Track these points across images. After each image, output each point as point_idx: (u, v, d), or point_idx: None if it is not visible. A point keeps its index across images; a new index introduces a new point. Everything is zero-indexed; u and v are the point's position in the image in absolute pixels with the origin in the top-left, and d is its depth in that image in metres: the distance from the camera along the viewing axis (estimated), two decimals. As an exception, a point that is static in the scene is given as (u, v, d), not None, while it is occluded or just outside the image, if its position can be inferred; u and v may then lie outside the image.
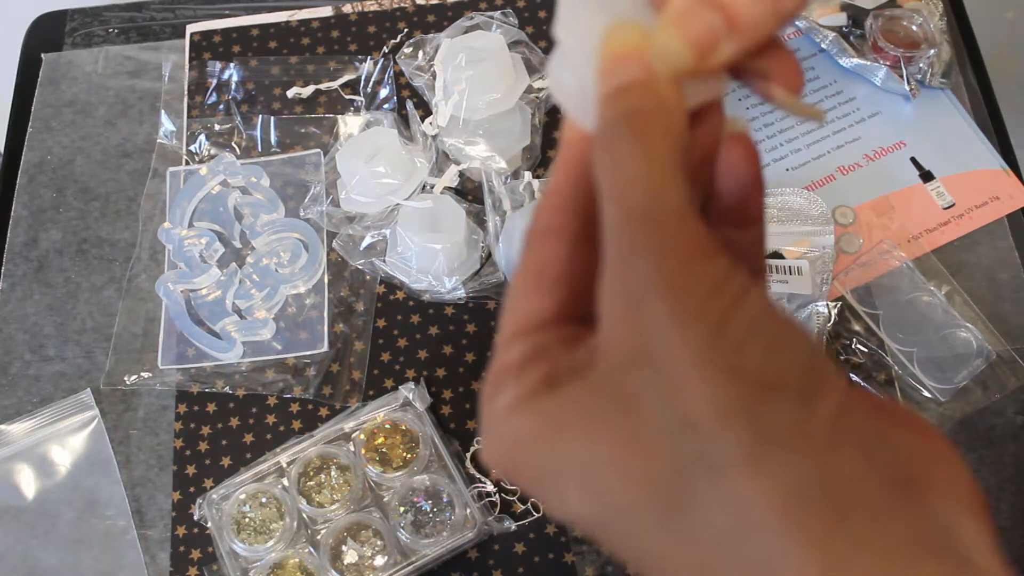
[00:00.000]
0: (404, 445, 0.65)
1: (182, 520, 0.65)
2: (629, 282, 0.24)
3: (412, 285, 0.71)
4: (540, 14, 0.83)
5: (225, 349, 0.70)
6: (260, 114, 0.79)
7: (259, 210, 0.74)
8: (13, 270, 0.75)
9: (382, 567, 0.61)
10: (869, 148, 0.76)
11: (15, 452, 0.68)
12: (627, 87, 0.26)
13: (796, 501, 0.22)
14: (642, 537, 0.24)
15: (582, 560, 0.63)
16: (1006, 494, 0.64)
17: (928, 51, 0.76)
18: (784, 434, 0.23)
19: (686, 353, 0.23)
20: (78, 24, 0.86)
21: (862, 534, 0.22)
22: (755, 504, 0.22)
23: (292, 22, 0.84)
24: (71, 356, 0.71)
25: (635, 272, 0.24)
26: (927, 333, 0.68)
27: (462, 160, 0.73)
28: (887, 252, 0.71)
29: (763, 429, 0.22)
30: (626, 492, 0.24)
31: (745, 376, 0.23)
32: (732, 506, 0.22)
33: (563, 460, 0.25)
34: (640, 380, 0.24)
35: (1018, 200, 0.73)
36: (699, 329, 0.23)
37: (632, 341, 0.24)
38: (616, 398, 0.24)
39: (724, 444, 0.22)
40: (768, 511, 0.22)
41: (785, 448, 0.22)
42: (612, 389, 0.24)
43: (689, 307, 0.23)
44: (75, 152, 0.79)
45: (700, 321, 0.23)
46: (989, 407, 0.66)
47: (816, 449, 0.23)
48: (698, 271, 0.24)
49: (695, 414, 0.23)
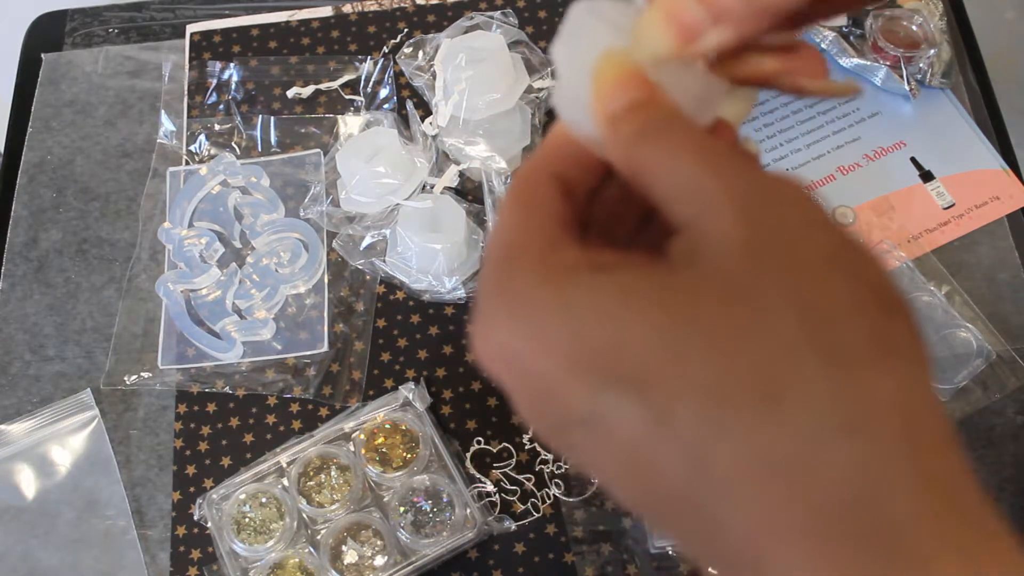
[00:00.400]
0: (404, 445, 0.65)
1: (182, 520, 0.65)
2: (744, 189, 0.25)
3: (412, 285, 0.71)
4: (540, 14, 0.83)
5: (225, 349, 0.70)
6: (260, 114, 0.79)
7: (259, 210, 0.74)
8: (13, 270, 0.75)
9: (382, 567, 0.61)
10: (869, 148, 0.76)
11: (15, 452, 0.68)
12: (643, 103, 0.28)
13: (917, 412, 0.22)
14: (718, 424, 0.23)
15: (582, 560, 0.63)
16: (1006, 494, 0.64)
17: (928, 51, 0.76)
18: (905, 351, 0.23)
19: (820, 251, 0.24)
20: (78, 24, 0.86)
21: (957, 469, 0.23)
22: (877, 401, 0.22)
23: (292, 22, 0.84)
24: (71, 356, 0.71)
25: (749, 182, 0.25)
26: (927, 333, 0.68)
27: (462, 160, 0.73)
28: (887, 252, 0.71)
29: (889, 339, 0.23)
30: (722, 373, 0.23)
31: (871, 288, 0.24)
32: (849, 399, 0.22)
33: (635, 331, 0.23)
34: (759, 267, 0.24)
35: (1018, 200, 0.73)
36: (830, 236, 0.24)
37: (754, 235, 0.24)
38: (729, 284, 0.24)
39: (855, 338, 0.23)
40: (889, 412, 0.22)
41: (911, 360, 0.23)
42: (724, 277, 0.24)
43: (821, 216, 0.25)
44: (75, 152, 0.79)
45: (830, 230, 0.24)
46: (989, 407, 0.66)
47: (927, 377, 0.24)
48: (811, 197, 0.25)
49: (824, 304, 0.23)
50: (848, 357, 0.23)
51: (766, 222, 0.24)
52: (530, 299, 0.25)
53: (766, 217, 0.24)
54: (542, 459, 0.66)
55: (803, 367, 0.22)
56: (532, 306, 0.25)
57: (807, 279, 0.23)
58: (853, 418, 0.22)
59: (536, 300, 0.25)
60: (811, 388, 0.22)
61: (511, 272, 0.26)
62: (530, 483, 0.65)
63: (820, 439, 0.22)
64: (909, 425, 0.22)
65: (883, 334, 0.23)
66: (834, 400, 0.22)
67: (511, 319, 0.25)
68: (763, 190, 0.25)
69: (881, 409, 0.22)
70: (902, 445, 0.22)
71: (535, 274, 0.25)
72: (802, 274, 0.23)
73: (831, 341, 0.23)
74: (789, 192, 0.25)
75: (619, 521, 0.64)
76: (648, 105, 0.28)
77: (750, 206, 0.25)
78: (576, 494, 0.64)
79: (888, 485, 0.22)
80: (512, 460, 0.66)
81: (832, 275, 0.23)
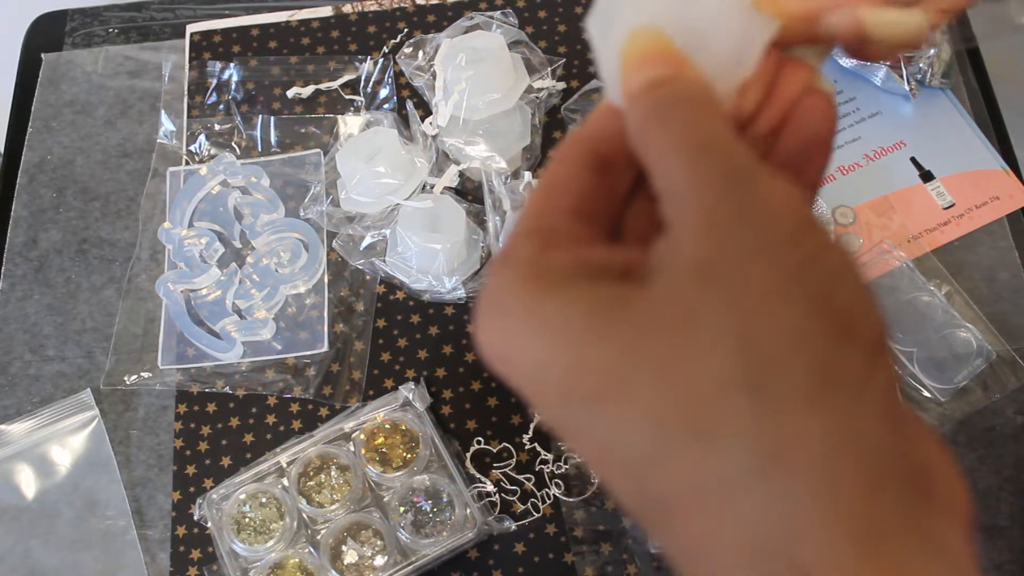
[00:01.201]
0: (404, 445, 0.65)
1: (182, 520, 0.65)
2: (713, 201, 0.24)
3: (412, 285, 0.71)
4: (540, 14, 0.83)
5: (225, 349, 0.70)
6: (260, 114, 0.79)
7: (259, 210, 0.74)
8: (13, 270, 0.75)
9: (382, 567, 0.61)
10: (869, 148, 0.76)
11: (15, 452, 0.68)
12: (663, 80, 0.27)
13: (841, 454, 0.21)
14: (657, 450, 0.23)
15: (582, 560, 0.63)
16: (1006, 494, 0.64)
17: (928, 51, 0.76)
18: (851, 383, 0.22)
19: (771, 277, 0.23)
20: (78, 24, 0.86)
21: (885, 512, 0.22)
22: (799, 442, 0.21)
23: (292, 22, 0.84)
24: (71, 356, 0.71)
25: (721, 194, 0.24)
26: (927, 333, 0.68)
27: (462, 160, 0.73)
28: (887, 252, 0.71)
29: (833, 371, 0.22)
30: (660, 403, 0.23)
31: (828, 313, 0.23)
32: (770, 440, 0.22)
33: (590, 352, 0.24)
34: (708, 292, 0.23)
35: (1018, 200, 0.73)
36: (789, 258, 0.23)
37: (708, 256, 0.23)
38: (674, 305, 0.23)
39: (790, 374, 0.22)
40: (809, 454, 0.21)
41: (850, 397, 0.22)
42: (672, 295, 0.24)
43: (779, 238, 0.23)
44: (75, 152, 0.79)
45: (790, 251, 0.23)
46: (989, 407, 0.66)
47: (874, 407, 0.22)
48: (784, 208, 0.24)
49: (765, 336, 0.22)
50: (778, 396, 0.22)
51: (727, 243, 0.23)
52: (512, 305, 0.25)
53: (728, 237, 0.23)
54: (542, 459, 0.66)
55: (732, 405, 0.22)
56: (512, 312, 0.25)
57: (753, 309, 0.22)
58: (772, 461, 0.22)
59: (516, 306, 0.25)
60: (736, 427, 0.22)
61: (504, 270, 0.26)
62: (530, 483, 0.65)
63: (738, 480, 0.22)
64: (829, 470, 0.21)
65: (827, 367, 0.22)
66: (756, 441, 0.22)
67: (500, 317, 0.26)
68: (737, 205, 0.24)
69: (801, 453, 0.21)
70: (818, 491, 0.21)
71: (522, 279, 0.26)
72: (749, 303, 0.22)
73: (765, 378, 0.22)
74: (765, 209, 0.24)
75: (619, 521, 0.63)
76: (668, 82, 0.27)
77: (717, 223, 0.24)
78: (576, 494, 0.64)
79: (798, 531, 0.21)
80: (512, 460, 0.66)
81: (780, 304, 0.22)
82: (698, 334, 0.23)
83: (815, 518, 0.21)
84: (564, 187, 0.28)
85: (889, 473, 0.22)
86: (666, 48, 0.27)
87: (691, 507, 0.23)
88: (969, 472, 0.65)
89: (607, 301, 0.24)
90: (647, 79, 0.27)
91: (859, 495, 0.21)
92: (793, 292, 0.22)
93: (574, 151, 0.29)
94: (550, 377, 0.24)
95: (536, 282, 0.25)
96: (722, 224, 0.23)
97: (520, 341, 0.25)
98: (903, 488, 0.22)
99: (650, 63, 0.27)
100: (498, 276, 0.26)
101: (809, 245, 0.23)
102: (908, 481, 0.23)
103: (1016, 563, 0.62)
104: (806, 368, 0.22)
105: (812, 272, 0.23)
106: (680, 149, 0.25)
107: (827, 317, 0.22)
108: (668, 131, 0.26)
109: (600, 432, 0.24)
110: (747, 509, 0.22)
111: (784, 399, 0.22)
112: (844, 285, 0.23)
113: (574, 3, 0.83)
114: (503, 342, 0.25)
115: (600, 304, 0.24)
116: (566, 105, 0.78)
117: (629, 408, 0.23)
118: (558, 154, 0.29)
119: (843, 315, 0.23)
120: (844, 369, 0.22)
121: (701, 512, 0.22)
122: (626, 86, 0.27)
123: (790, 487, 0.21)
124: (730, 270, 0.23)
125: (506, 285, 0.26)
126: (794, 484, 0.21)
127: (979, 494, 0.64)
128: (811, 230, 0.24)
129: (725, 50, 0.28)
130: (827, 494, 0.21)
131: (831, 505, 0.21)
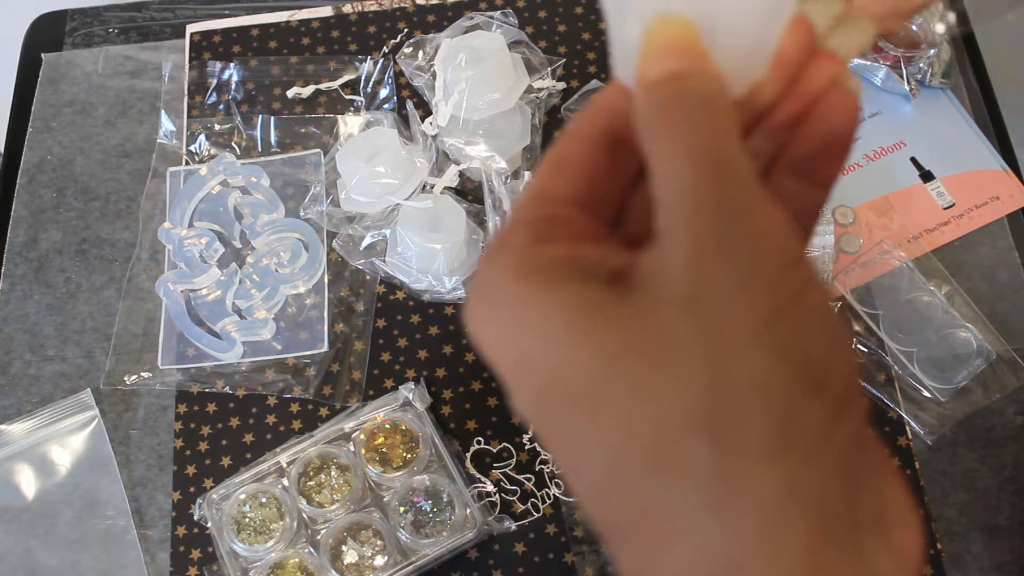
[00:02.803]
0: (404, 445, 0.65)
1: (182, 520, 0.65)
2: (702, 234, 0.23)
3: (412, 285, 0.71)
4: (540, 14, 0.83)
5: (225, 349, 0.70)
6: (260, 114, 0.79)
7: (259, 210, 0.74)
8: (13, 270, 0.75)
9: (382, 567, 0.61)
10: (869, 148, 0.76)
11: (15, 452, 0.68)
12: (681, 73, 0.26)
13: (790, 508, 0.22)
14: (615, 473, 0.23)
15: (582, 560, 0.63)
16: (1006, 494, 0.64)
17: (928, 51, 0.76)
18: (811, 439, 0.22)
19: (747, 322, 0.22)
20: (78, 24, 0.86)
21: (828, 561, 0.22)
22: (751, 493, 0.22)
23: (292, 22, 0.84)
24: (71, 356, 0.71)
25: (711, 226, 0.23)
26: (927, 333, 0.68)
27: (462, 160, 0.73)
28: (887, 252, 0.71)
29: (794, 426, 0.22)
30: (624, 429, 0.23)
31: (797, 365, 0.22)
32: (723, 487, 0.22)
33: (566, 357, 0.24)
34: (687, 326, 0.23)
35: (1018, 200, 0.73)
36: (767, 303, 0.23)
37: (692, 288, 0.23)
38: (654, 330, 0.23)
39: (752, 425, 0.22)
40: (759, 505, 0.22)
41: (806, 454, 0.22)
42: (653, 319, 0.23)
43: (762, 279, 0.23)
44: (75, 152, 0.79)
45: (770, 295, 0.23)
46: (989, 407, 0.66)
47: (829, 462, 0.22)
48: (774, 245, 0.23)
49: (733, 385, 0.22)
50: (737, 447, 0.22)
51: (713, 277, 0.23)
52: (499, 296, 0.25)
53: (715, 271, 0.23)
54: (542, 459, 0.66)
55: (692, 448, 0.22)
56: (499, 302, 0.25)
57: (727, 352, 0.22)
58: (722, 507, 0.22)
59: (503, 297, 0.25)
60: (692, 471, 0.22)
61: (496, 258, 0.26)
62: (530, 483, 0.65)
63: (687, 520, 0.22)
64: (777, 522, 0.22)
65: (788, 422, 0.22)
66: (710, 487, 0.22)
67: (485, 306, 0.26)
68: (729, 237, 0.23)
69: (751, 503, 0.22)
70: (762, 541, 0.22)
71: (511, 269, 0.25)
72: (724, 346, 0.22)
73: (727, 427, 0.22)
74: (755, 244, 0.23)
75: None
76: (686, 78, 0.26)
77: (706, 253, 0.23)
78: (576, 494, 0.64)
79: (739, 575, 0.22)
80: (512, 460, 0.66)
81: (753, 352, 0.22)
82: (671, 368, 0.23)
83: (758, 565, 0.21)
84: (570, 167, 0.28)
85: (836, 525, 0.22)
86: (693, 41, 0.26)
87: (640, 534, 0.23)
88: (969, 472, 0.65)
89: (591, 306, 0.24)
90: (666, 70, 0.26)
91: (803, 547, 0.22)
92: (766, 341, 0.22)
93: (587, 127, 0.28)
94: (530, 374, 0.24)
95: (525, 275, 0.25)
96: (709, 259, 0.23)
97: (504, 332, 0.25)
98: (849, 537, 0.23)
99: (672, 53, 0.26)
100: (490, 262, 0.26)
101: (791, 286, 0.23)
102: (857, 529, 0.23)
103: (1016, 563, 0.62)
104: (768, 421, 0.22)
105: (787, 318, 0.23)
106: (683, 159, 0.24)
107: (796, 369, 0.22)
108: (675, 133, 0.25)
109: (568, 439, 0.24)
110: (692, 547, 0.22)
111: (742, 450, 0.22)
112: (818, 332, 0.23)
113: (574, 3, 0.83)
114: (488, 331, 0.25)
115: (584, 307, 0.24)
116: (566, 105, 0.78)
117: (596, 424, 0.23)
118: (570, 128, 0.28)
119: (812, 367, 0.23)
120: (805, 424, 0.22)
121: (648, 541, 0.23)
122: (642, 71, 0.26)
123: (737, 533, 0.22)
124: (710, 310, 0.23)
125: (496, 273, 0.26)
126: (741, 531, 0.22)
127: (979, 494, 0.64)
128: (797, 269, 0.23)
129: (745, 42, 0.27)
130: (771, 544, 0.22)
131: (774, 554, 0.22)
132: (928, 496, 0.64)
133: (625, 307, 0.24)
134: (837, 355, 0.23)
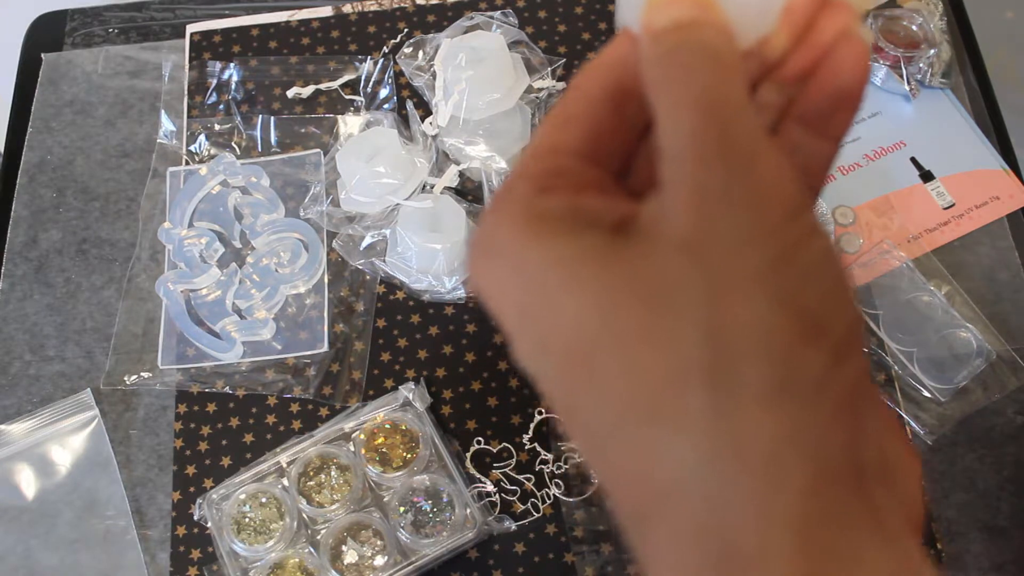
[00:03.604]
0: (404, 445, 0.65)
1: (182, 520, 0.65)
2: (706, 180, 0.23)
3: (412, 285, 0.71)
4: (540, 14, 0.83)
5: (225, 349, 0.70)
6: (260, 114, 0.79)
7: (259, 210, 0.74)
8: (13, 270, 0.75)
9: (382, 567, 0.61)
10: (869, 148, 0.76)
11: (15, 452, 0.68)
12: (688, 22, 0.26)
13: (788, 453, 0.22)
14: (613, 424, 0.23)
15: (582, 560, 0.63)
16: (1006, 494, 0.64)
17: (928, 51, 0.76)
18: (810, 385, 0.22)
19: (748, 267, 0.22)
20: (78, 24, 0.86)
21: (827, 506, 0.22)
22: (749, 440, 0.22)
23: (292, 22, 0.84)
24: (71, 356, 0.71)
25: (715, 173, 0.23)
26: (927, 333, 0.68)
27: (462, 160, 0.73)
28: (887, 252, 0.71)
29: (793, 371, 0.22)
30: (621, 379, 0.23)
31: (798, 311, 0.22)
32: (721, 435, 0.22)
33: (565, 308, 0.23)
34: (687, 270, 0.23)
35: (1018, 200, 0.73)
36: (769, 249, 0.23)
37: (693, 232, 0.23)
38: (653, 274, 0.23)
39: (751, 372, 0.22)
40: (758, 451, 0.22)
41: (805, 400, 0.22)
42: (653, 263, 0.23)
43: (765, 226, 0.23)
44: (75, 152, 0.79)
45: (773, 242, 0.23)
46: (989, 407, 0.66)
47: (828, 408, 0.22)
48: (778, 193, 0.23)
49: (733, 329, 0.22)
50: (736, 394, 0.22)
51: (716, 223, 0.23)
52: (499, 246, 0.25)
53: (717, 219, 0.23)
54: (542, 459, 0.66)
55: (691, 397, 0.22)
56: (499, 253, 0.25)
57: (728, 297, 0.22)
58: (721, 454, 0.22)
59: (503, 248, 0.25)
60: (690, 420, 0.22)
61: (499, 209, 0.26)
62: (530, 483, 0.65)
63: (685, 470, 0.22)
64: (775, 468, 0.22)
65: (787, 368, 0.22)
66: (708, 436, 0.22)
67: (487, 257, 0.26)
68: (732, 186, 0.23)
69: (749, 450, 0.22)
70: (761, 486, 0.22)
71: (512, 220, 0.25)
72: (725, 290, 0.22)
73: (726, 374, 0.22)
74: (758, 194, 0.23)
75: (619, 521, 0.63)
76: (693, 27, 0.25)
77: (708, 202, 0.23)
78: (576, 494, 0.64)
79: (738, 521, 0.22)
80: (512, 460, 0.66)
81: (754, 297, 0.22)
82: (670, 315, 0.23)
83: (756, 508, 0.22)
84: (575, 121, 0.27)
85: (836, 471, 0.22)
86: None
87: (641, 486, 0.23)
88: (969, 472, 0.65)
89: (590, 254, 0.24)
90: (673, 18, 0.25)
91: (802, 490, 0.22)
92: (767, 287, 0.22)
93: (594, 79, 0.28)
94: (529, 325, 0.24)
95: (525, 226, 0.25)
96: (713, 204, 0.23)
97: (505, 284, 0.25)
98: (850, 484, 0.22)
99: (679, 2, 0.26)
100: (492, 213, 0.26)
101: (792, 234, 0.23)
102: (858, 477, 0.23)
103: (1016, 563, 0.62)
104: (767, 368, 0.22)
105: (789, 265, 0.23)
106: (688, 107, 0.24)
107: (796, 316, 0.22)
108: (680, 82, 0.25)
109: (566, 391, 0.24)
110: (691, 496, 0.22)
111: (741, 397, 0.22)
112: (820, 280, 0.23)
113: (574, 3, 0.83)
114: (489, 282, 0.25)
115: (583, 256, 0.24)
116: (566, 105, 0.77)
117: (593, 375, 0.23)
118: (576, 81, 0.28)
119: (812, 314, 0.23)
120: (804, 371, 0.22)
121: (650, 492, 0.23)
122: (648, 20, 0.26)
123: (736, 478, 0.22)
124: (711, 255, 0.23)
125: (497, 224, 0.25)
126: (739, 476, 0.22)
127: (979, 494, 0.64)
128: (799, 218, 0.23)
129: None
130: (769, 489, 0.22)
131: (772, 499, 0.22)
132: (928, 496, 0.64)
133: (625, 252, 0.24)
134: (838, 303, 0.23)
